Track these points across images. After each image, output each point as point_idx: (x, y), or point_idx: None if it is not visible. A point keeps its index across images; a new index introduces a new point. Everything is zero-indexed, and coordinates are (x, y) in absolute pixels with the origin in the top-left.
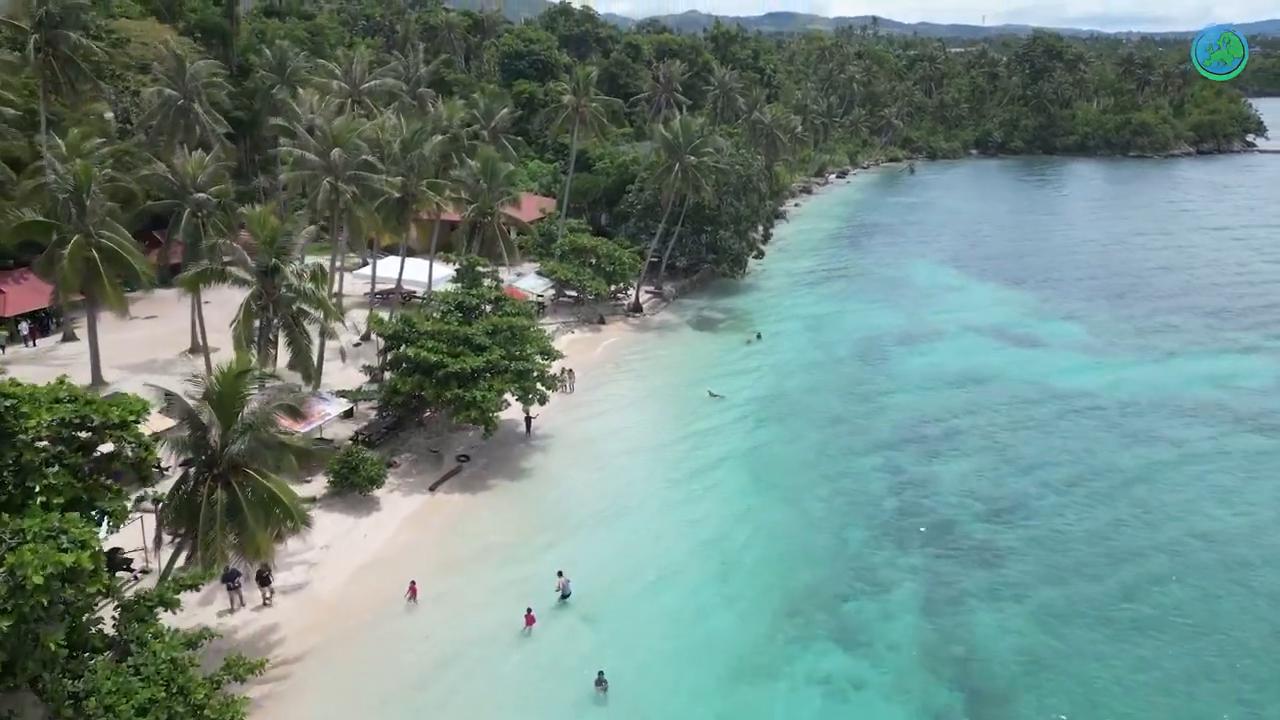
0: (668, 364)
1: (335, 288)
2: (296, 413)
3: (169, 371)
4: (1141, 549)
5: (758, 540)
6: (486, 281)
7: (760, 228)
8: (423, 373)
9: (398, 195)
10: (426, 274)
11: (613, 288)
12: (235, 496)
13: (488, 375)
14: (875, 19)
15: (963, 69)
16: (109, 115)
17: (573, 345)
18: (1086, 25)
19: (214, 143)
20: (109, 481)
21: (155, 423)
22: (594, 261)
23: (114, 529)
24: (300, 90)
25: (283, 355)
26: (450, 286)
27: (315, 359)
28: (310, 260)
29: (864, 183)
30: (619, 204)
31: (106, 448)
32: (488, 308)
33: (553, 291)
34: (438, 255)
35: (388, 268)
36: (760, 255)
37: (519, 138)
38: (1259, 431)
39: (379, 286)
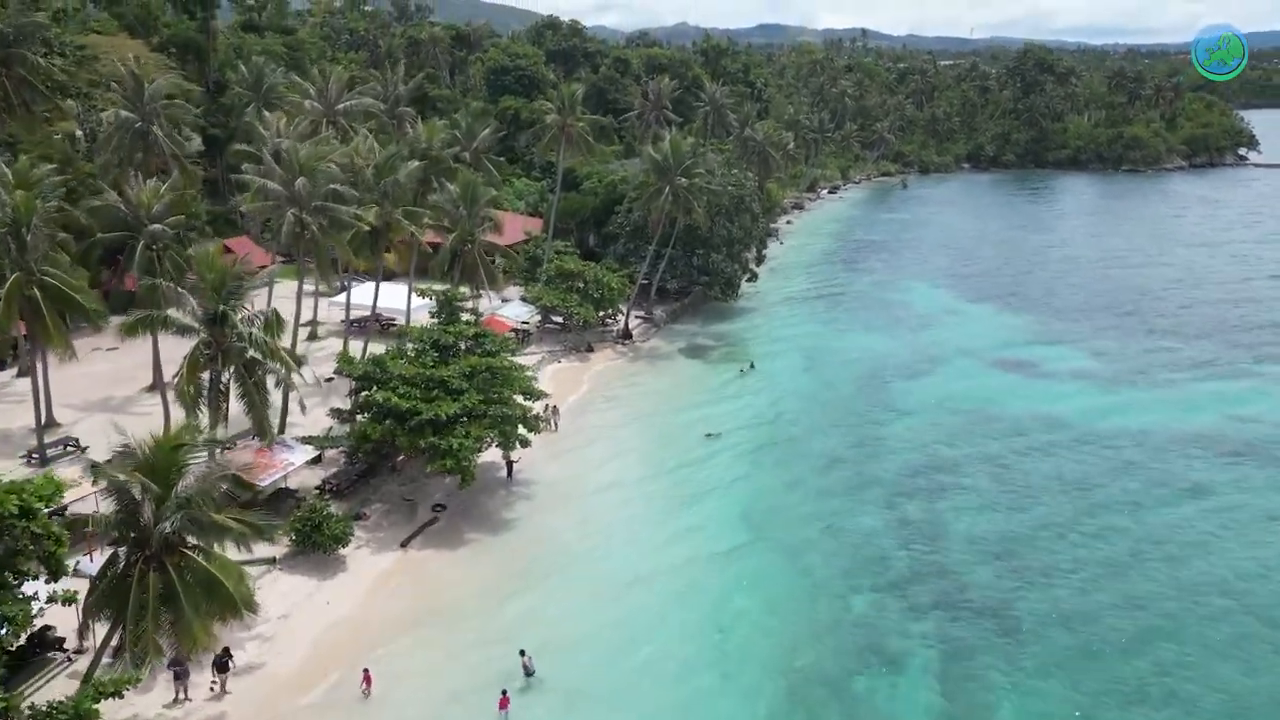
0: (659, 396)
1: (310, 314)
2: (247, 485)
3: (127, 410)
4: (1172, 612)
5: (755, 604)
6: (465, 316)
7: (753, 249)
8: (395, 418)
9: (369, 227)
10: (405, 300)
11: (601, 314)
12: (170, 580)
13: (464, 420)
14: (864, 31)
15: (953, 82)
16: (79, 133)
17: (559, 376)
18: (1073, 37)
19: (174, 168)
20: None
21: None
22: (581, 286)
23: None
24: (267, 112)
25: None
26: (429, 318)
27: (280, 407)
28: (285, 285)
29: (856, 198)
30: (607, 225)
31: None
32: (465, 345)
33: (538, 318)
34: (417, 279)
35: (364, 294)
36: (753, 278)
37: (501, 159)
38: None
39: (356, 313)
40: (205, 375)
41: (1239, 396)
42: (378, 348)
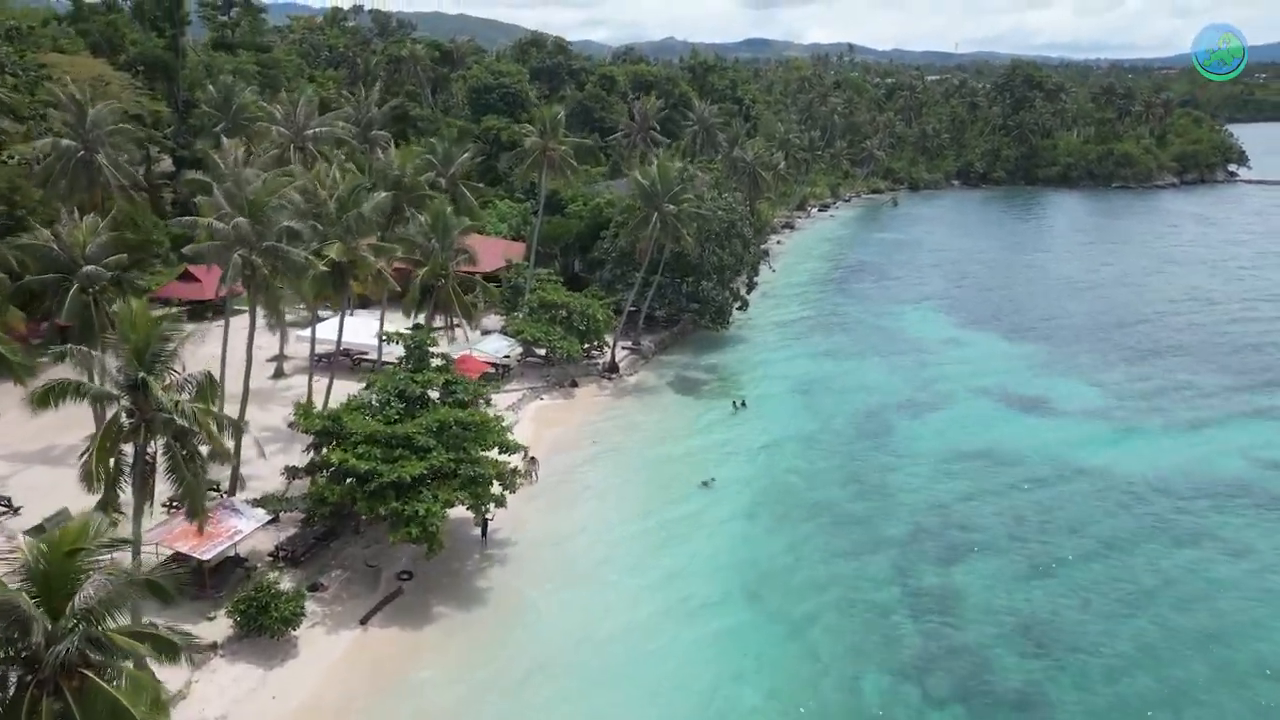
0: (648, 438)
1: (277, 349)
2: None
3: (67, 462)
4: (1220, 702)
5: (756, 693)
6: (436, 360)
7: (745, 275)
8: (355, 479)
9: (328, 267)
10: (377, 334)
11: (586, 346)
12: (68, 709)
13: (432, 482)
14: (851, 46)
15: (941, 98)
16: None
17: (541, 415)
18: (1056, 52)
19: (120, 200)
20: None
21: None
22: (565, 317)
23: None
24: (226, 139)
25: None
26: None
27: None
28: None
29: (847, 217)
30: (593, 250)
31: None
32: (435, 393)
33: (520, 350)
34: (390, 311)
35: (334, 328)
36: (745, 306)
37: (480, 185)
38: None
39: (327, 348)
40: (129, 448)
41: (1263, 437)
42: (349, 386)
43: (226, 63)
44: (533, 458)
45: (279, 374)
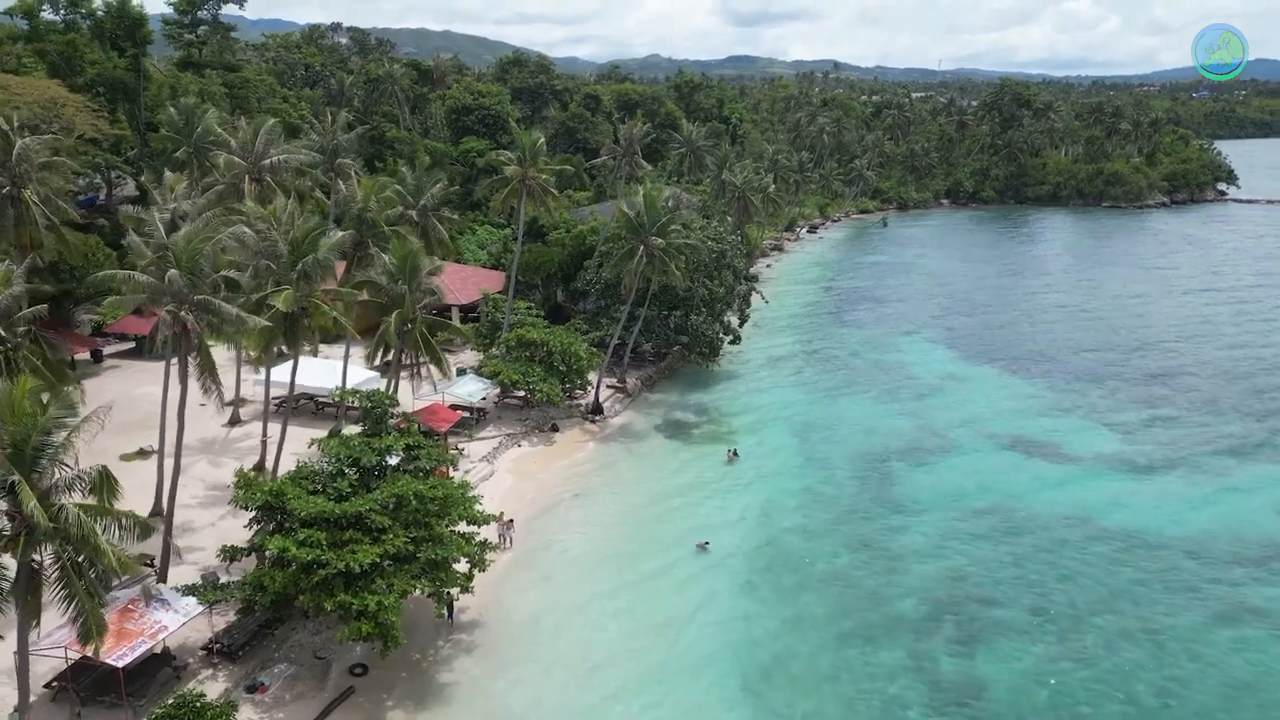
0: (635, 492)
1: (233, 393)
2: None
3: None
4: None
5: None
6: (397, 418)
7: (736, 306)
8: (300, 568)
9: (270, 323)
10: (341, 375)
11: (568, 386)
12: None
13: (389, 568)
14: (836, 64)
15: (928, 116)
16: None
17: (519, 464)
18: (1036, 69)
19: (49, 239)
20: None
21: None
22: (546, 356)
23: None
24: (169, 173)
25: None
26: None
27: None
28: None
29: (836, 238)
30: (576, 280)
31: None
32: (396, 459)
33: (497, 391)
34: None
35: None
36: (736, 340)
37: (454, 216)
38: None
39: (284, 392)
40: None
41: None
42: (312, 431)
43: (191, 83)
44: (509, 521)
45: (235, 420)
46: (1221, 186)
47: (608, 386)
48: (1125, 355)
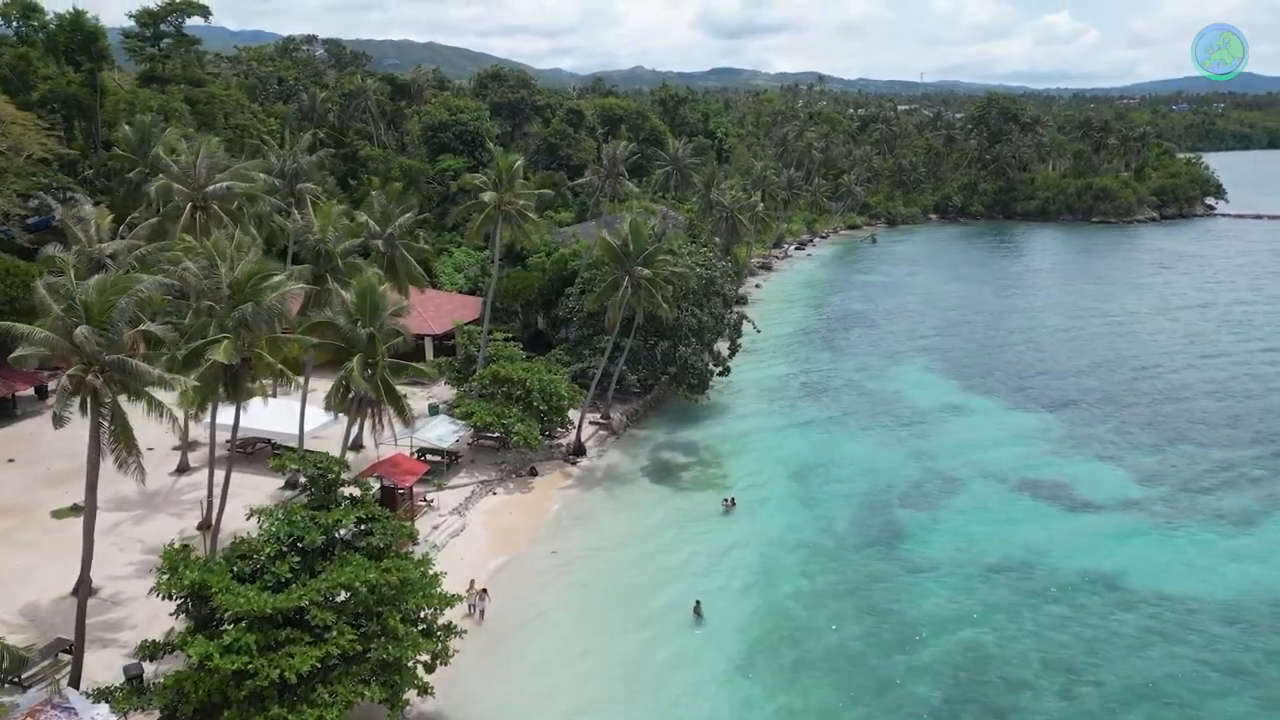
0: (622, 548)
1: (179, 438)
2: None
3: None
4: None
5: None
6: (349, 489)
7: (726, 336)
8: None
9: (199, 384)
10: (298, 416)
11: (548, 425)
12: None
13: (334, 669)
14: (821, 76)
15: (915, 130)
16: None
17: (493, 516)
18: (1017, 82)
19: None
20: None
21: None
22: (524, 394)
23: None
24: (89, 207)
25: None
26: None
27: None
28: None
29: (826, 256)
30: (558, 306)
31: None
32: (346, 531)
33: (470, 432)
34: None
35: (250, 413)
36: (726, 371)
37: (426, 245)
38: None
39: (243, 434)
40: None
41: None
42: (268, 481)
43: (151, 99)
44: (481, 590)
45: (183, 468)
46: (1210, 201)
47: (591, 423)
48: (1131, 382)
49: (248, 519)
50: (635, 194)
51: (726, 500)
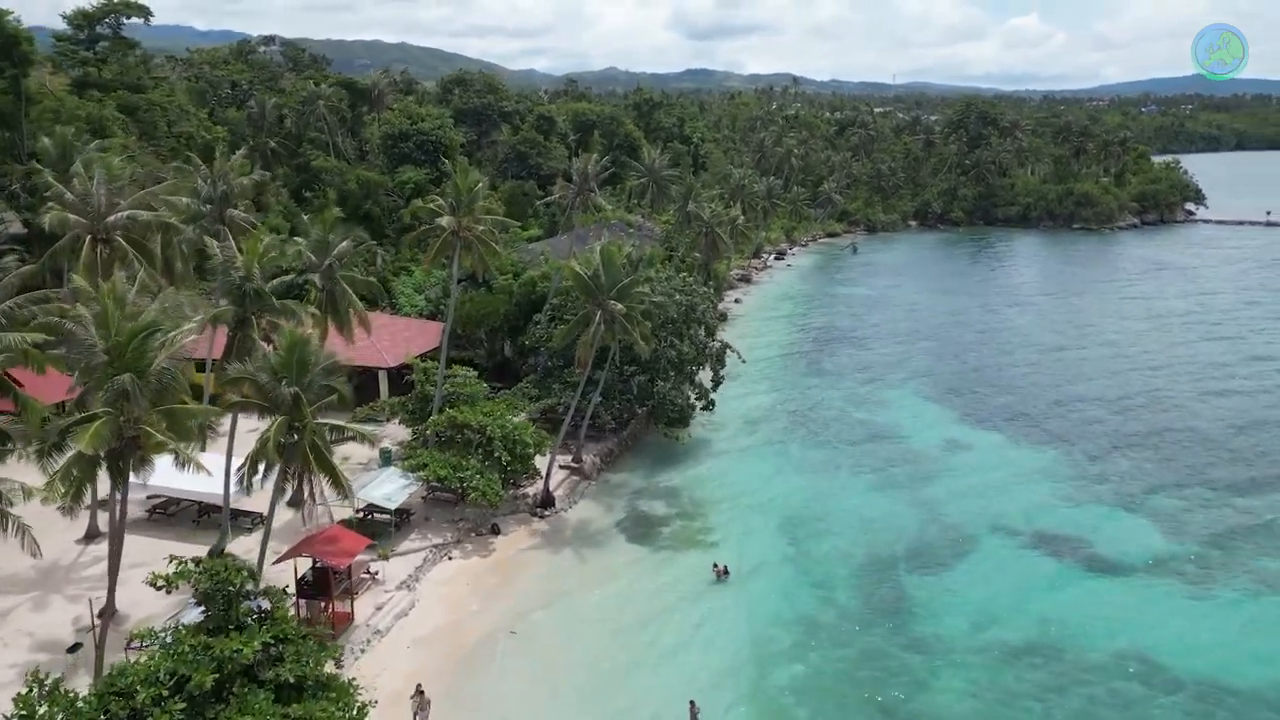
0: (594, 626)
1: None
2: None
3: None
4: None
5: None
6: (258, 598)
7: (710, 366)
8: None
9: (67, 473)
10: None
11: (511, 475)
12: None
13: None
14: (796, 78)
15: (893, 134)
16: None
17: (449, 588)
18: (986, 84)
19: None
20: None
21: None
22: (484, 442)
23: None
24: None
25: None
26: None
27: None
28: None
29: (806, 266)
30: (526, 333)
31: None
32: (254, 659)
33: (421, 486)
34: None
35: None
36: (710, 406)
37: (371, 279)
38: None
39: (159, 494)
40: None
41: None
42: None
43: (79, 107)
44: (424, 698)
45: (92, 534)
46: (1190, 206)
47: (561, 467)
48: (1138, 410)
49: (128, 644)
50: (607, 210)
51: (717, 568)
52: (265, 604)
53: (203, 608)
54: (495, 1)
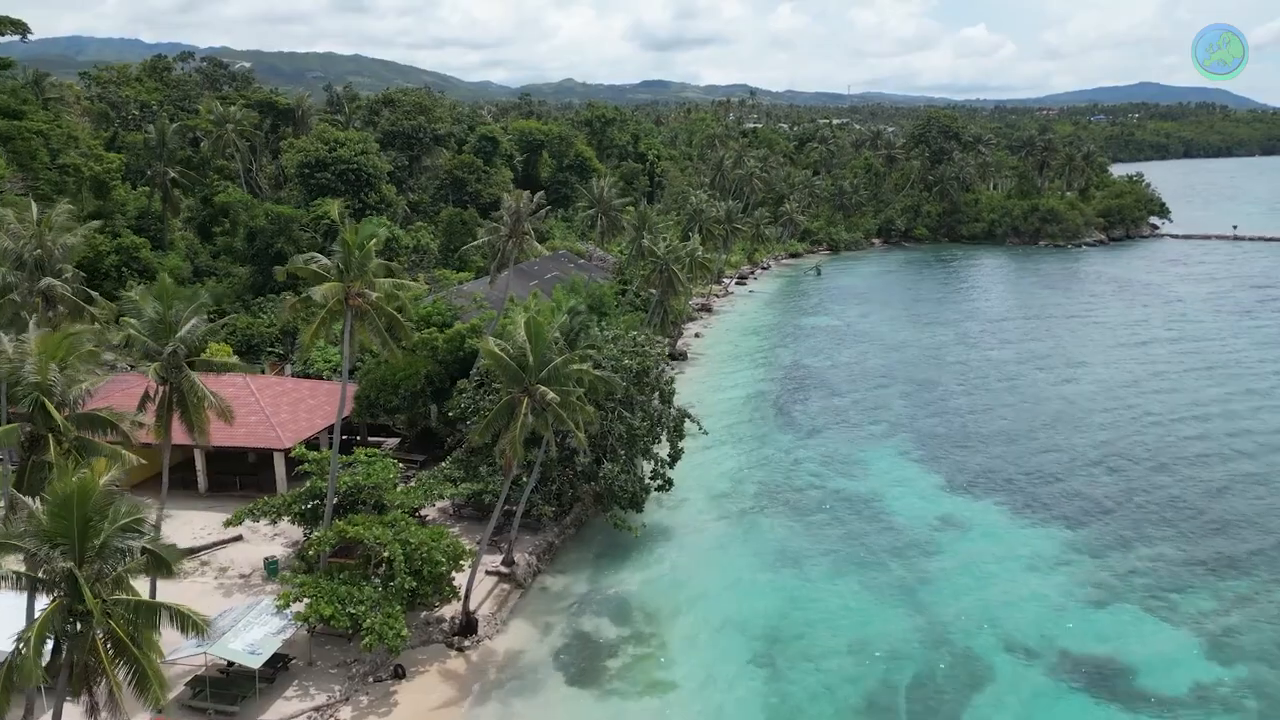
0: None
1: None
2: None
3: None
4: None
5: None
6: None
7: (665, 439)
8: None
9: None
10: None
11: (421, 601)
12: None
13: None
14: (753, 91)
15: (851, 148)
16: None
17: None
18: (938, 94)
19: None
20: None
21: None
22: (383, 562)
23: None
24: None
25: None
26: None
27: None
28: None
29: (769, 292)
30: (450, 401)
31: None
32: None
33: (301, 625)
34: None
35: None
36: (666, 486)
37: (236, 358)
38: None
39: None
40: None
41: None
42: None
43: None
44: None
45: None
46: (1155, 221)
47: (489, 573)
48: (1152, 476)
49: None
50: (555, 240)
51: None
52: None
53: None
54: (453, 13)
